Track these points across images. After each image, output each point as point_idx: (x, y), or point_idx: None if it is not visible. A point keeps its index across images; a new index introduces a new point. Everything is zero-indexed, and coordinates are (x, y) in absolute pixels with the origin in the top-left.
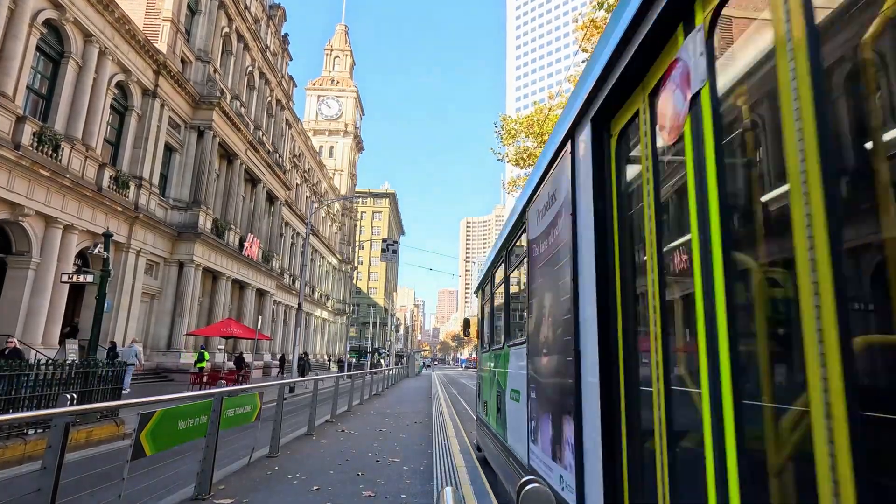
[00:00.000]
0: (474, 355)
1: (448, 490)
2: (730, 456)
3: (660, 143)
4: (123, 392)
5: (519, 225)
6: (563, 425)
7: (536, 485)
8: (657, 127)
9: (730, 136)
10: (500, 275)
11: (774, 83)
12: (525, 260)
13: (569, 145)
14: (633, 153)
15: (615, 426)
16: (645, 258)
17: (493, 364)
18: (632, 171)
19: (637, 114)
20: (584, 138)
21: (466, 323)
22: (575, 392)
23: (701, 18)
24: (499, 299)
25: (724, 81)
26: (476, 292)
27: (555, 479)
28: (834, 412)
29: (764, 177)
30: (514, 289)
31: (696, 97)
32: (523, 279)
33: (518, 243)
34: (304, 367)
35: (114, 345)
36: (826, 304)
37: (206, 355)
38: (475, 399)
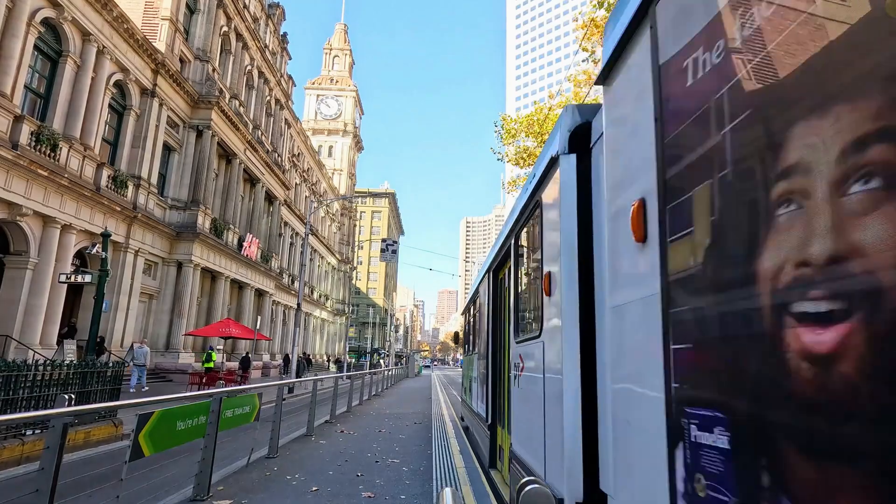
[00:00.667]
0: None
1: (448, 491)
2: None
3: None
4: (143, 390)
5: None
6: (482, 390)
7: (536, 485)
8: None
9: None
10: (471, 308)
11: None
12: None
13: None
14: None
15: (497, 385)
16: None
17: (466, 363)
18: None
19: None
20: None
21: (456, 336)
22: (487, 377)
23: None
24: (470, 324)
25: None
26: (462, 314)
27: (479, 409)
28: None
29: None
30: (473, 319)
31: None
32: (477, 318)
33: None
34: (300, 367)
35: (102, 339)
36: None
37: (214, 355)
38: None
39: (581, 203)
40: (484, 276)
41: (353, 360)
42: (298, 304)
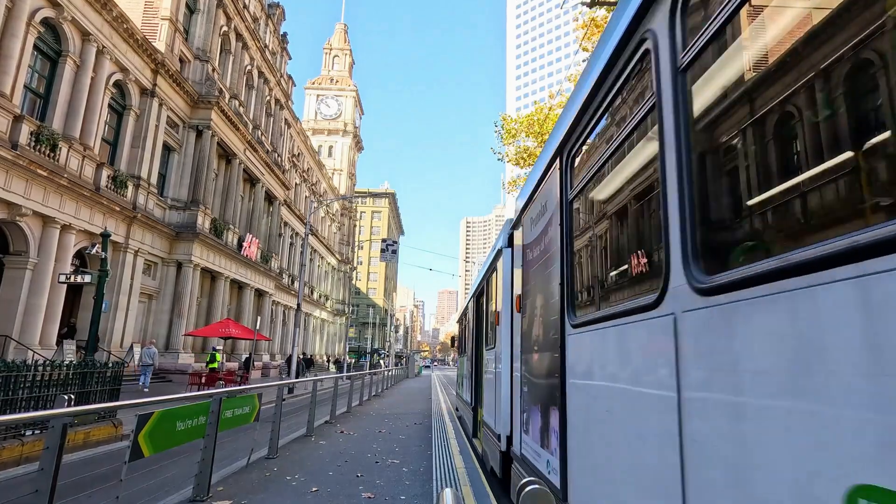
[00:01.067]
0: None
1: (448, 492)
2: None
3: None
4: (144, 390)
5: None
6: (469, 383)
7: (536, 486)
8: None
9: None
10: (462, 320)
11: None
12: (466, 318)
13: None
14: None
15: (478, 374)
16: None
17: (459, 363)
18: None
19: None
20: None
21: (452, 340)
22: (472, 374)
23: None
24: (461, 333)
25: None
26: (457, 322)
27: (467, 397)
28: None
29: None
30: (463, 330)
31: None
32: (466, 330)
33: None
34: (299, 367)
35: (72, 325)
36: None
37: (218, 356)
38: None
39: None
40: (470, 300)
41: (353, 361)
42: (298, 305)
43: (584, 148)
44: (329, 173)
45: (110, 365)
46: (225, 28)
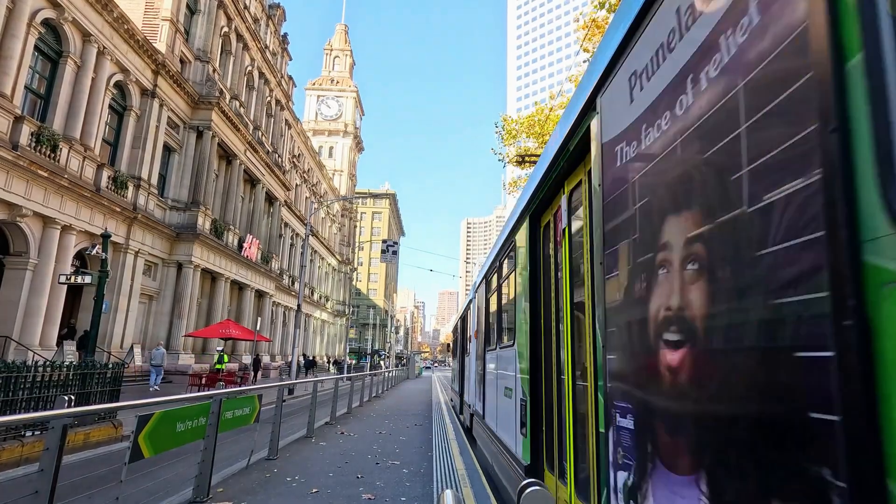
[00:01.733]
0: None
1: (448, 493)
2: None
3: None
4: (151, 390)
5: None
6: (459, 377)
7: (537, 487)
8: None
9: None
10: (454, 332)
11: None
12: (456, 331)
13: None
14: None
15: (462, 371)
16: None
17: (454, 363)
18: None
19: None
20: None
21: (448, 346)
22: (461, 371)
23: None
24: (454, 341)
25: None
26: (451, 332)
27: (456, 387)
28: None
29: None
30: (455, 338)
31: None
32: (457, 339)
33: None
34: (300, 368)
35: (87, 333)
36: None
37: (226, 357)
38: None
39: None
40: (458, 320)
41: (354, 362)
42: (299, 306)
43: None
44: (329, 174)
45: (110, 366)
46: (225, 29)
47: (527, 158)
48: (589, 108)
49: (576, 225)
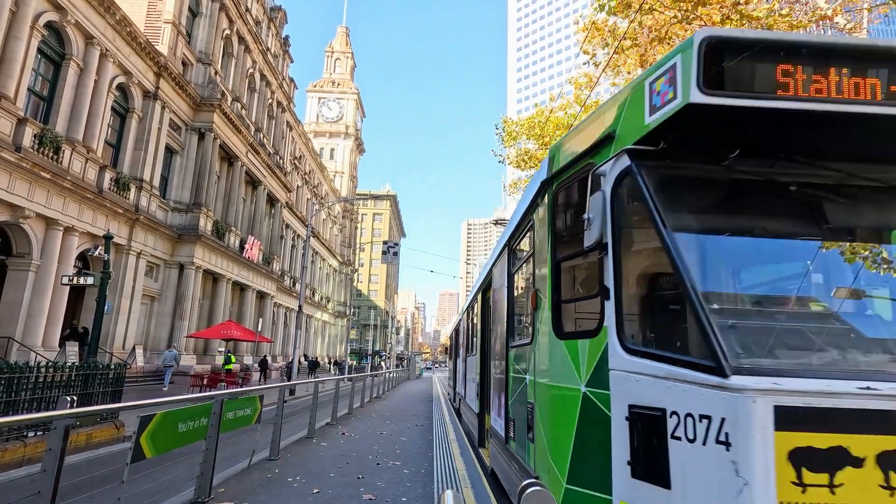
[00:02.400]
0: None
1: (449, 493)
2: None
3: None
4: (163, 390)
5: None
6: (454, 374)
7: (538, 487)
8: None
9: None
10: (454, 333)
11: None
12: (457, 330)
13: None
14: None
15: (457, 371)
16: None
17: (450, 364)
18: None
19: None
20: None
21: (446, 348)
22: (455, 369)
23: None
24: (450, 345)
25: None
26: (448, 337)
27: (452, 384)
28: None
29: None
30: (451, 343)
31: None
32: (452, 344)
33: (456, 329)
34: (300, 369)
35: (85, 330)
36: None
37: (233, 358)
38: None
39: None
40: (452, 332)
41: (355, 363)
42: (300, 306)
43: (519, 245)
44: (331, 175)
45: (112, 367)
46: (227, 31)
47: (526, 161)
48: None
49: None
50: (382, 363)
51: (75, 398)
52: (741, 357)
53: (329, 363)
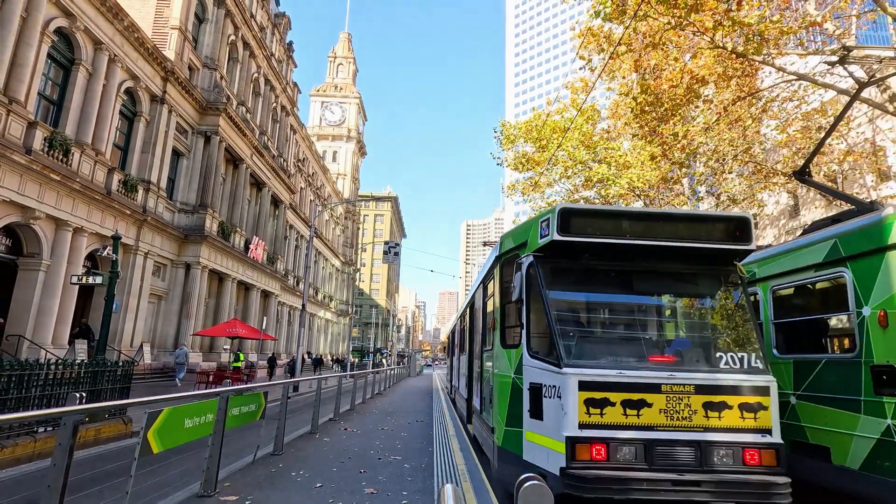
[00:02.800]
0: None
1: (448, 487)
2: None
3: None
4: (177, 385)
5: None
6: (450, 369)
7: (535, 482)
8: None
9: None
10: (450, 336)
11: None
12: (452, 333)
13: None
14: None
15: (453, 367)
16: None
17: (448, 362)
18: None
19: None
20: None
21: (444, 347)
22: (451, 365)
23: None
24: (448, 344)
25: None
26: (445, 338)
27: (448, 377)
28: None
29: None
30: (448, 342)
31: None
32: (449, 343)
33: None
34: (304, 366)
35: (88, 327)
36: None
37: (242, 356)
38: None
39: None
40: (449, 334)
41: (357, 360)
42: (303, 305)
43: (487, 286)
44: (333, 178)
45: (120, 364)
46: (232, 37)
47: (524, 164)
48: (486, 278)
49: (485, 306)
50: (384, 361)
51: (84, 395)
52: (567, 360)
53: (331, 361)
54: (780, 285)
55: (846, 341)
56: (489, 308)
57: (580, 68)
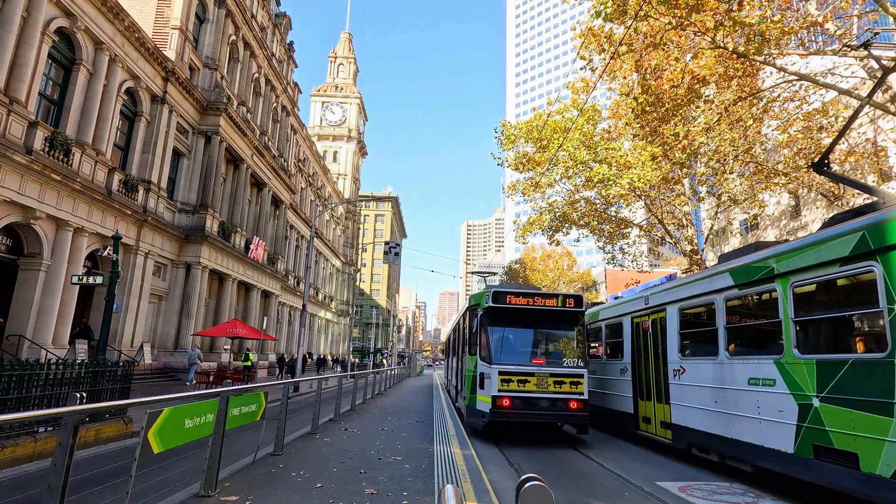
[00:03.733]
0: None
1: (449, 488)
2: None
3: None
4: (188, 384)
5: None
6: (447, 368)
7: (536, 482)
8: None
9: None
10: (447, 342)
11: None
12: (448, 341)
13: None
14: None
15: (449, 367)
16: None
17: (445, 362)
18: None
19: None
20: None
21: (443, 349)
22: (448, 364)
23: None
24: (446, 347)
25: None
26: (443, 342)
27: (446, 374)
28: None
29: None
30: (446, 346)
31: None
32: (448, 347)
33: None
34: (293, 367)
35: (87, 327)
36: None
37: (252, 356)
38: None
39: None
40: (446, 341)
41: (357, 360)
42: (304, 305)
43: (466, 315)
44: (334, 178)
45: (121, 364)
46: (233, 37)
47: (524, 164)
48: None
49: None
50: (384, 361)
51: (84, 395)
52: (495, 360)
53: (331, 361)
54: (801, 281)
55: (876, 340)
56: (467, 329)
57: (581, 68)
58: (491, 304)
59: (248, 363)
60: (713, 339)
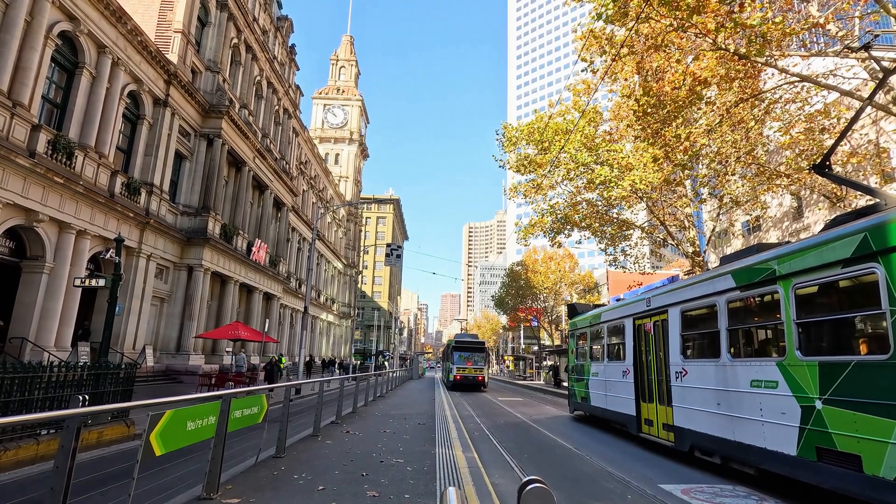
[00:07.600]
0: None
1: (451, 490)
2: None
3: None
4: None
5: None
6: (444, 369)
7: (538, 484)
8: None
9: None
10: (442, 353)
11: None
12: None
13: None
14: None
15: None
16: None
17: (443, 363)
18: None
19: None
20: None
21: (444, 354)
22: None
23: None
24: (444, 354)
25: None
26: (441, 352)
27: (444, 372)
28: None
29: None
30: (443, 355)
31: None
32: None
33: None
34: (271, 372)
35: (87, 329)
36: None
37: (284, 359)
38: (446, 377)
39: None
40: (441, 354)
41: (359, 362)
42: (305, 308)
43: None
44: (335, 180)
45: (123, 366)
46: (235, 40)
47: (526, 166)
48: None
49: None
50: (386, 363)
51: (87, 397)
52: (452, 367)
53: (334, 363)
54: (803, 283)
55: (878, 342)
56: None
57: (582, 70)
58: (453, 344)
59: (284, 361)
60: (715, 340)
